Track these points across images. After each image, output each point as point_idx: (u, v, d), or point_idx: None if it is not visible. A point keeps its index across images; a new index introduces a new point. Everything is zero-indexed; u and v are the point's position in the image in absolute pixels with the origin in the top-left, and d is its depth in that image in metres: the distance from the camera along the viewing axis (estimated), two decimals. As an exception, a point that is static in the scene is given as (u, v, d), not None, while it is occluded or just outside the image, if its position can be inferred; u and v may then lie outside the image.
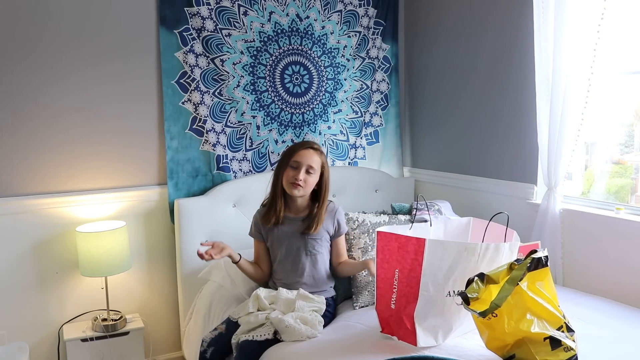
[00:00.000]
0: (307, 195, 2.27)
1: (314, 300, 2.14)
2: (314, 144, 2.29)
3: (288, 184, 2.22)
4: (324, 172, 2.28)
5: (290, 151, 2.26)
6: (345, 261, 2.34)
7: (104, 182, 2.74)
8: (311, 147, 2.25)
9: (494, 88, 2.90)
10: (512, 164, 2.83)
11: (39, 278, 2.64)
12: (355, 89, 3.33)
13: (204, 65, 2.86)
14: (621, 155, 2.64)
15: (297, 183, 2.19)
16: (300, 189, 2.21)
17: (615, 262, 2.39)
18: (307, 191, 2.24)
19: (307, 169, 2.21)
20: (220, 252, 2.20)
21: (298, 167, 2.21)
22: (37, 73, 2.55)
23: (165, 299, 2.95)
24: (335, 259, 2.34)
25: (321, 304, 2.15)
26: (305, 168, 2.21)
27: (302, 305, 2.08)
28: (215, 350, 2.08)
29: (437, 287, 1.82)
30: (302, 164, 2.21)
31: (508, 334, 1.64)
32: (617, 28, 2.28)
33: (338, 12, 3.20)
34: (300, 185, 2.20)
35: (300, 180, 2.19)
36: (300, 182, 2.19)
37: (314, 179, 2.23)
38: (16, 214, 2.56)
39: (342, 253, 2.35)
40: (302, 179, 2.19)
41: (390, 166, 3.50)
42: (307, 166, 2.21)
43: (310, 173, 2.22)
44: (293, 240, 2.26)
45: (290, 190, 2.22)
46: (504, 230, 2.03)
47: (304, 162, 2.21)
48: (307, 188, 2.23)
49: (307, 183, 2.21)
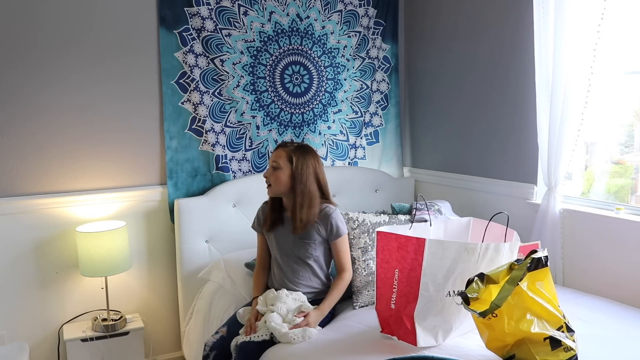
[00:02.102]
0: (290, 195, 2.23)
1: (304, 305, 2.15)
2: (287, 143, 2.28)
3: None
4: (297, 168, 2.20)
5: None
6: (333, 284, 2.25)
7: (104, 182, 2.74)
8: (281, 146, 2.27)
9: (494, 88, 2.90)
10: (512, 164, 2.83)
11: (39, 278, 2.64)
12: (355, 89, 3.33)
13: (204, 66, 2.86)
14: (621, 155, 2.64)
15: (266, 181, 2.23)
16: (269, 187, 2.23)
17: (615, 262, 2.39)
18: (279, 189, 2.21)
19: (273, 166, 2.22)
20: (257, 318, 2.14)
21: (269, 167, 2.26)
22: (37, 73, 2.55)
23: (165, 299, 2.95)
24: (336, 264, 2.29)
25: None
26: (270, 164, 2.23)
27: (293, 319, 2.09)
28: (218, 354, 2.08)
29: (437, 287, 1.82)
30: (270, 162, 2.25)
31: (508, 334, 1.64)
32: (617, 28, 2.28)
33: (338, 12, 3.20)
34: (269, 183, 2.22)
35: (266, 177, 2.23)
36: (265, 180, 2.23)
37: (282, 174, 2.20)
38: (16, 214, 2.56)
39: (340, 262, 2.25)
40: (266, 176, 2.22)
41: (390, 166, 3.50)
42: (271, 161, 2.24)
43: (276, 170, 2.21)
44: (290, 241, 2.25)
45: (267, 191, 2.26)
46: (504, 230, 2.03)
47: (270, 160, 2.25)
48: (275, 185, 2.21)
49: (275, 180, 2.21)
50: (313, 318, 2.09)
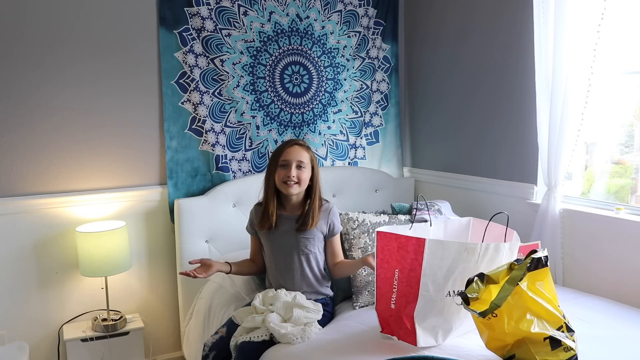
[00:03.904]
0: (302, 193, 2.25)
1: (310, 310, 2.12)
2: (298, 140, 2.27)
3: (282, 184, 2.20)
4: (314, 167, 2.25)
5: (277, 152, 2.24)
6: (342, 261, 2.31)
7: (104, 182, 2.74)
8: (296, 144, 2.24)
9: (494, 88, 2.90)
10: (512, 164, 2.83)
11: (39, 278, 2.64)
12: (355, 89, 3.33)
13: (204, 66, 2.86)
14: (621, 155, 2.64)
15: (291, 180, 2.18)
16: (295, 186, 2.19)
17: (615, 262, 2.39)
18: (303, 187, 2.22)
19: (298, 165, 2.19)
20: (207, 271, 2.19)
21: (288, 165, 2.19)
22: (37, 73, 2.55)
23: (165, 299, 2.95)
24: (330, 260, 2.31)
25: (318, 313, 2.13)
26: (295, 164, 2.19)
27: (299, 315, 2.07)
28: (217, 354, 2.08)
29: (437, 287, 1.82)
30: (291, 161, 2.19)
31: (508, 334, 1.64)
32: (617, 28, 2.28)
33: (338, 12, 3.20)
34: (295, 182, 2.18)
35: (293, 176, 2.17)
36: (294, 178, 2.18)
37: (306, 174, 2.21)
38: (16, 214, 2.56)
39: (337, 253, 2.32)
40: (294, 175, 2.18)
41: (390, 166, 3.50)
42: (297, 162, 2.19)
43: (301, 168, 2.20)
44: (287, 239, 2.25)
45: (286, 189, 2.20)
46: (504, 230, 2.03)
47: (293, 159, 2.19)
48: (302, 184, 2.20)
49: (300, 179, 2.19)
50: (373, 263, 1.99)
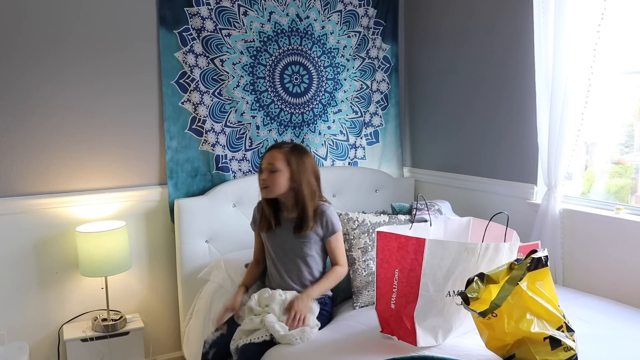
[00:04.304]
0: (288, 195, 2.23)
1: None
2: (282, 144, 2.26)
3: (260, 188, 2.24)
4: (295, 170, 2.20)
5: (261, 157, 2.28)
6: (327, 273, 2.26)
7: (104, 182, 2.74)
8: (275, 148, 2.24)
9: (494, 88, 2.90)
10: (512, 164, 2.83)
11: (39, 278, 2.64)
12: (355, 89, 3.33)
13: (204, 66, 2.86)
14: (621, 155, 2.64)
15: (260, 185, 2.21)
16: (266, 189, 2.21)
17: (615, 262, 2.39)
18: (276, 191, 2.20)
19: (270, 169, 2.19)
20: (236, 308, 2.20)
21: (262, 170, 2.22)
22: (37, 73, 2.55)
23: (165, 299, 2.95)
24: (331, 261, 2.30)
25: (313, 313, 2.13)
26: (266, 167, 2.20)
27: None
28: (217, 352, 2.09)
29: (437, 287, 1.82)
30: (264, 165, 2.22)
31: (508, 333, 1.64)
32: (617, 28, 2.28)
33: (338, 12, 3.20)
34: (266, 186, 2.20)
35: (262, 180, 2.20)
36: (261, 183, 2.21)
37: (280, 177, 2.19)
38: (16, 214, 2.56)
39: (334, 255, 2.27)
40: (264, 179, 2.20)
41: (390, 166, 3.50)
42: (267, 165, 2.20)
43: (274, 172, 2.19)
44: (285, 241, 2.25)
45: (261, 192, 2.24)
46: (504, 230, 2.03)
47: (264, 163, 2.22)
48: (274, 188, 2.19)
49: (273, 182, 2.19)
50: (299, 306, 2.05)
